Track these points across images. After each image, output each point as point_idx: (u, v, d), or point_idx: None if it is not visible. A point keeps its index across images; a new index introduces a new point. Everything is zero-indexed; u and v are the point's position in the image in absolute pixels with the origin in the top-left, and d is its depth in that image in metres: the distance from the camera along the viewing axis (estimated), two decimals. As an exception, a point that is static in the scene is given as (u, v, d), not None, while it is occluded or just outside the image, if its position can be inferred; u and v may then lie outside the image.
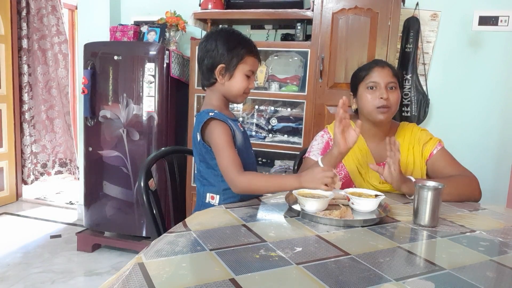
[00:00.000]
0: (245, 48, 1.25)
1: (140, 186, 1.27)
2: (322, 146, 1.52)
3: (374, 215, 1.08)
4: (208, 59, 1.26)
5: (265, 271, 0.73)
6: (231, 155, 1.18)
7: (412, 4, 2.51)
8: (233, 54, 1.24)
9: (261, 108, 2.60)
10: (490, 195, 1.54)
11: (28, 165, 3.85)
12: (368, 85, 1.42)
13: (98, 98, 2.61)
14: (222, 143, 1.19)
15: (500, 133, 2.48)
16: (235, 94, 1.28)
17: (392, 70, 1.43)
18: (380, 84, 1.39)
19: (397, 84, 1.42)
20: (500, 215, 1.19)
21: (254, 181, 1.16)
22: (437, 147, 1.44)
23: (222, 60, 1.24)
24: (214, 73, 1.25)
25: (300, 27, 2.38)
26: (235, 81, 1.26)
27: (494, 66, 2.45)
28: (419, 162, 1.43)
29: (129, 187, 2.60)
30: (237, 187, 1.16)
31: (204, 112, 1.26)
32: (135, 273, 0.70)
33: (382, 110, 1.39)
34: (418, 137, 1.46)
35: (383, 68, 1.42)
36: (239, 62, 1.25)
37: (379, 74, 1.40)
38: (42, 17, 3.73)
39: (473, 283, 0.71)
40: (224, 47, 1.24)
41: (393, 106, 1.40)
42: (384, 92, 1.38)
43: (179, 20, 2.69)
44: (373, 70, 1.42)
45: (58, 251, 2.69)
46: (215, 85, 1.29)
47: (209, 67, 1.26)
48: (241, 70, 1.26)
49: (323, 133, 1.56)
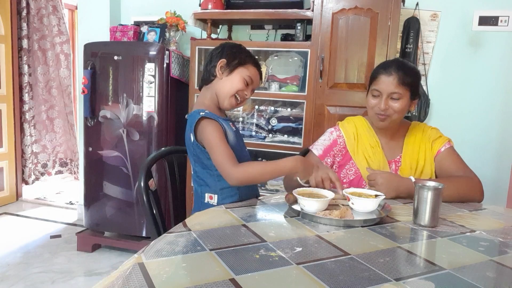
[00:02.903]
0: (249, 57, 1.33)
1: (140, 186, 1.27)
2: (328, 143, 1.53)
3: (374, 215, 1.08)
4: (213, 59, 1.32)
5: (265, 271, 0.73)
6: (225, 150, 1.19)
7: (412, 4, 2.51)
8: (236, 55, 1.30)
9: (261, 108, 2.60)
10: (490, 195, 1.54)
11: (29, 165, 3.85)
12: (372, 91, 1.43)
13: (98, 98, 2.61)
14: (214, 139, 1.20)
15: (500, 133, 2.49)
16: (227, 91, 1.30)
17: (399, 79, 1.36)
18: (382, 93, 1.39)
19: (402, 93, 1.37)
20: (500, 215, 1.19)
21: (250, 169, 1.18)
22: (446, 145, 1.45)
23: (225, 57, 1.29)
24: (215, 70, 1.30)
25: (300, 27, 2.38)
26: (231, 78, 1.30)
27: (494, 66, 2.45)
28: (429, 159, 1.45)
29: (129, 187, 2.60)
30: (234, 179, 1.17)
31: (195, 112, 1.27)
32: (135, 273, 0.70)
33: (380, 118, 1.41)
34: (428, 134, 1.48)
35: (389, 76, 1.37)
36: (240, 64, 1.30)
37: (383, 83, 1.38)
38: (42, 17, 3.73)
39: (473, 283, 0.71)
40: (229, 49, 1.32)
41: (394, 114, 1.40)
42: (383, 102, 1.38)
43: (179, 20, 2.69)
44: (380, 76, 1.40)
45: (58, 251, 2.69)
46: (212, 82, 1.32)
47: (212, 65, 1.31)
48: (240, 72, 1.30)
49: (333, 129, 1.56)
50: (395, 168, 1.46)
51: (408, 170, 1.43)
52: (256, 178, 1.19)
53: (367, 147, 1.47)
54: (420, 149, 1.46)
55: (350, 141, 1.50)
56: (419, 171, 1.44)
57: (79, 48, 2.99)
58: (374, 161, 1.45)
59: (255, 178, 1.19)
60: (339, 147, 1.52)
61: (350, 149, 1.49)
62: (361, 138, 1.50)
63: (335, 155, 1.52)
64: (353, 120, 1.56)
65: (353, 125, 1.53)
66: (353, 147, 1.49)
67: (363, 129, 1.51)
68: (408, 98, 1.39)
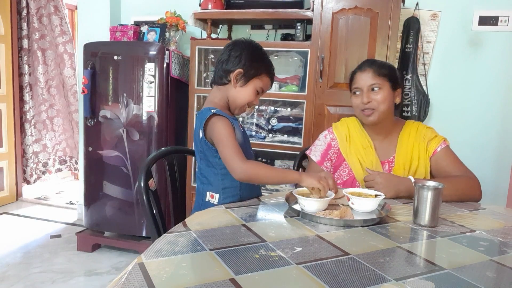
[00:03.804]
0: (265, 67, 1.32)
1: (140, 186, 1.27)
2: (323, 148, 1.53)
3: (374, 215, 1.09)
4: (230, 62, 1.29)
5: (265, 271, 0.73)
6: (234, 144, 1.19)
7: (412, 4, 2.51)
8: (253, 66, 1.29)
9: (261, 108, 2.60)
10: (490, 195, 1.54)
11: (31, 164, 3.85)
12: (353, 91, 1.46)
13: (98, 98, 2.61)
14: (224, 134, 1.20)
15: (500, 133, 2.48)
16: (239, 102, 1.32)
17: (375, 71, 1.41)
18: (362, 88, 1.42)
19: (381, 83, 1.40)
20: (500, 215, 1.19)
21: (258, 168, 1.18)
22: (442, 145, 1.44)
23: (242, 66, 1.28)
24: (230, 75, 1.29)
25: (300, 27, 2.38)
26: (245, 91, 1.30)
27: (494, 66, 2.45)
28: (423, 159, 1.44)
29: (129, 187, 2.60)
30: (242, 173, 1.16)
31: (206, 109, 1.27)
32: (135, 273, 0.70)
33: (366, 113, 1.42)
34: (423, 134, 1.47)
35: (364, 71, 1.43)
36: (256, 75, 1.30)
37: (360, 79, 1.43)
38: (41, 17, 3.73)
39: (473, 283, 0.71)
40: (248, 57, 1.29)
41: (379, 106, 1.40)
42: (365, 96, 1.40)
43: (179, 20, 2.69)
44: (355, 75, 1.46)
45: (58, 251, 2.69)
46: (225, 86, 1.32)
47: (227, 69, 1.30)
48: (255, 84, 1.31)
49: (327, 133, 1.57)
50: (388, 168, 1.46)
51: (402, 170, 1.43)
52: (261, 177, 1.19)
53: (359, 148, 1.47)
54: (413, 149, 1.45)
55: (343, 143, 1.50)
56: (412, 172, 1.42)
57: (79, 48, 2.99)
58: (366, 162, 1.44)
59: (261, 177, 1.19)
60: (333, 150, 1.52)
61: (342, 151, 1.49)
62: (353, 139, 1.50)
63: (332, 158, 1.52)
64: (346, 122, 1.56)
65: (346, 127, 1.53)
66: (345, 149, 1.49)
67: (356, 130, 1.51)
68: (389, 88, 1.42)
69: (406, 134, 1.48)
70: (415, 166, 1.43)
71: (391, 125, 1.49)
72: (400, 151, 1.45)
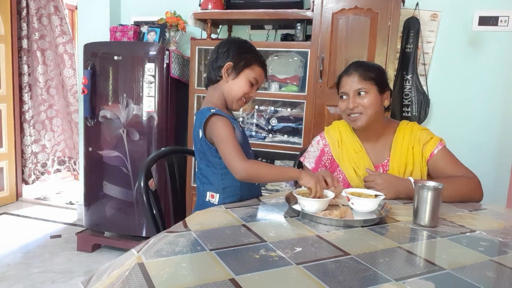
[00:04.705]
0: (255, 57, 1.32)
1: (140, 186, 1.27)
2: (317, 154, 1.51)
3: (374, 215, 1.09)
4: (219, 59, 1.31)
5: (265, 271, 0.73)
6: (234, 143, 1.19)
7: (412, 4, 2.51)
8: (242, 57, 1.29)
9: (261, 108, 2.60)
10: (490, 195, 1.53)
11: (29, 165, 3.85)
12: (340, 95, 1.45)
13: (98, 98, 2.61)
14: (224, 133, 1.21)
15: (500, 133, 2.49)
16: (234, 95, 1.31)
17: (361, 74, 1.38)
18: (348, 93, 1.40)
19: (368, 88, 1.37)
20: (500, 215, 1.19)
21: (259, 167, 1.19)
22: (438, 146, 1.41)
23: (231, 59, 1.29)
24: (221, 71, 1.30)
25: (300, 27, 2.38)
26: (238, 82, 1.30)
27: (494, 66, 2.45)
28: (419, 162, 1.41)
29: (129, 187, 2.60)
30: (242, 171, 1.16)
31: (205, 109, 1.27)
32: (135, 273, 0.70)
33: (352, 118, 1.41)
34: (418, 136, 1.43)
35: (349, 75, 1.41)
36: (246, 66, 1.30)
37: (346, 83, 1.42)
38: (41, 17, 3.73)
39: (473, 283, 0.71)
40: (235, 50, 1.30)
41: (366, 110, 1.38)
42: (351, 101, 1.38)
43: (179, 20, 2.69)
44: (341, 79, 1.44)
45: (58, 251, 2.69)
46: (218, 83, 1.32)
47: (218, 65, 1.31)
48: (246, 75, 1.30)
49: (319, 138, 1.55)
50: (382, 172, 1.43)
51: (396, 174, 1.39)
52: (262, 175, 1.19)
53: (351, 153, 1.45)
54: (408, 152, 1.42)
55: (335, 149, 1.48)
56: (407, 175, 1.39)
57: (79, 48, 2.99)
58: (359, 167, 1.43)
59: (261, 175, 1.19)
60: (327, 156, 1.50)
61: (335, 157, 1.48)
62: (345, 144, 1.48)
63: (326, 164, 1.51)
64: (338, 126, 1.54)
65: (337, 131, 1.51)
66: (338, 155, 1.47)
67: (347, 134, 1.49)
68: (376, 92, 1.39)
69: (401, 137, 1.44)
70: (410, 170, 1.40)
71: (382, 128, 1.46)
72: (395, 154, 1.42)
